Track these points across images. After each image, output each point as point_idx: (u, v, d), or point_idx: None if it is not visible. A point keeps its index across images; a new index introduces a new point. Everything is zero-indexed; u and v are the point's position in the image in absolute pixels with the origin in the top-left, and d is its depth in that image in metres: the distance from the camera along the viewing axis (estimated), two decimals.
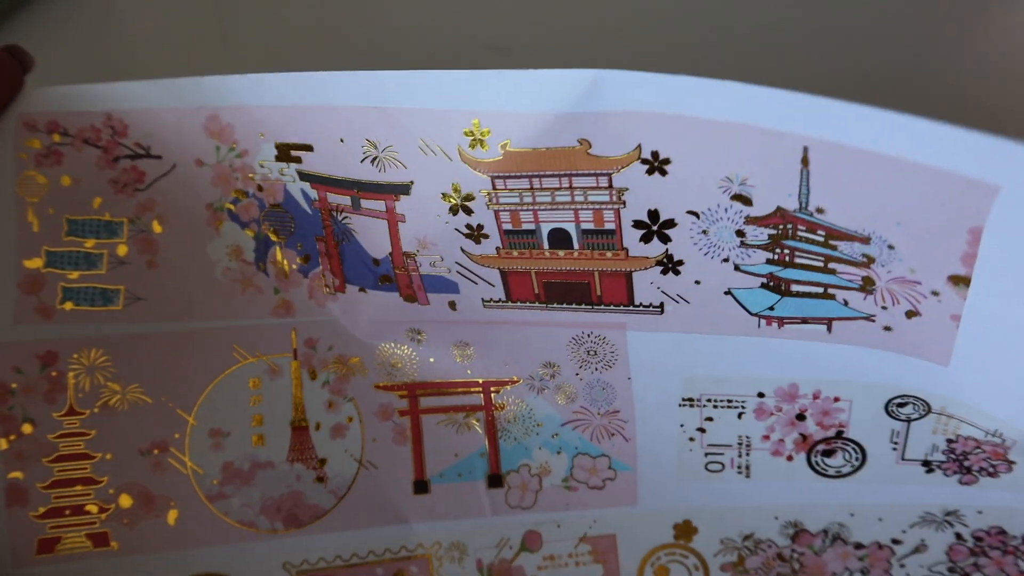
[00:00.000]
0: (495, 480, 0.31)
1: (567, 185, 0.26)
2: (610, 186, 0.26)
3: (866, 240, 0.23)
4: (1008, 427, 0.26)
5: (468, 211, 0.27)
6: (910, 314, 0.24)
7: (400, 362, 0.31)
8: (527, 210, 0.27)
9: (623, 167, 0.25)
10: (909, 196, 0.22)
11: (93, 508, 0.29)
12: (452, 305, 0.30)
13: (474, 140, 0.25)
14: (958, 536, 0.30)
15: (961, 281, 0.23)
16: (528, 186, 0.26)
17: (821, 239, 0.24)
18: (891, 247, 0.23)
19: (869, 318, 0.25)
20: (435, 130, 0.26)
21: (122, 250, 0.30)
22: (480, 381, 0.31)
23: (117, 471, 0.30)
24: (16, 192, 0.29)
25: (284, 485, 0.30)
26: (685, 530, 0.32)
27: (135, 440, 0.30)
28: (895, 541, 0.30)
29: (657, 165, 0.25)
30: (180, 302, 0.30)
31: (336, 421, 0.30)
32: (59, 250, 0.30)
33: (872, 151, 0.21)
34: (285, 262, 0.30)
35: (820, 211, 0.23)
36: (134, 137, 0.30)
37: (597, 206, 0.26)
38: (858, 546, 0.31)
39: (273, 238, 0.31)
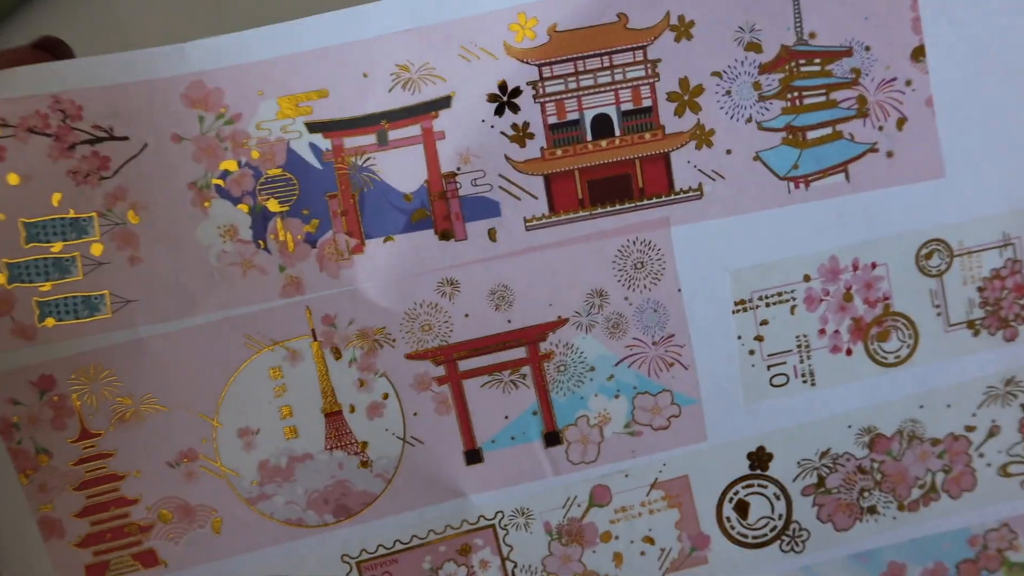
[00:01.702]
0: (552, 438, 0.28)
1: (607, 64, 0.28)
2: (645, 59, 0.28)
3: (849, 52, 0.29)
4: (1012, 219, 0.30)
5: (515, 108, 0.27)
6: (900, 123, 0.29)
7: (431, 324, 0.26)
8: (571, 97, 0.28)
9: (656, 36, 0.28)
10: None
11: (133, 528, 0.27)
12: (491, 235, 0.28)
13: (521, 33, 0.27)
14: None
15: (919, 53, 0.29)
16: (572, 70, 0.28)
17: (818, 67, 0.29)
18: (867, 48, 0.29)
19: (873, 148, 0.29)
20: (479, 34, 0.27)
21: (97, 249, 0.26)
22: (522, 330, 0.28)
23: (149, 488, 0.28)
24: None
25: (327, 475, 0.27)
26: (760, 458, 0.30)
27: (161, 453, 0.27)
28: (968, 428, 0.30)
29: (683, 29, 0.28)
30: (177, 297, 0.27)
31: (370, 400, 0.27)
32: (21, 260, 0.26)
33: None
34: (288, 234, 0.27)
35: (813, 36, 0.28)
36: (91, 119, 0.26)
37: (635, 83, 0.28)
38: (935, 442, 0.30)
39: (273, 209, 0.27)
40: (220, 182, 0.27)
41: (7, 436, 0.27)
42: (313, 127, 0.27)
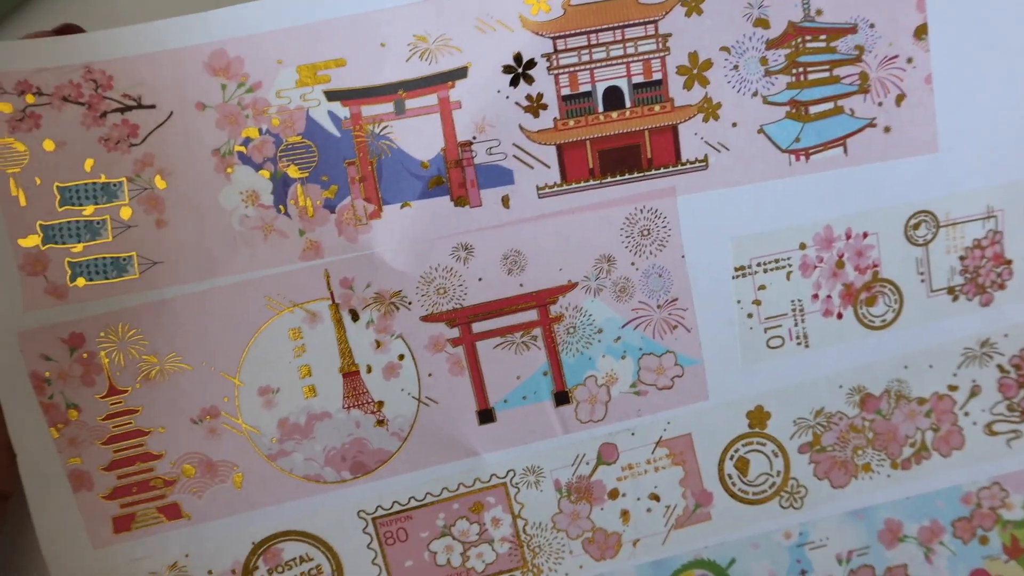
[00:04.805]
0: (562, 397, 0.28)
1: (620, 38, 0.29)
2: (656, 33, 0.29)
3: (854, 29, 0.30)
4: (995, 193, 0.31)
5: (529, 79, 0.29)
6: (899, 99, 0.30)
7: (446, 287, 0.27)
8: (584, 69, 0.29)
9: (667, 11, 0.29)
10: None
11: (159, 482, 0.28)
12: (505, 201, 0.29)
13: (536, 6, 0.28)
14: (1000, 369, 0.32)
15: (922, 31, 0.30)
16: (586, 43, 0.29)
17: (824, 44, 0.30)
18: (872, 25, 0.29)
19: (872, 123, 0.30)
20: (495, 7, 0.28)
21: (126, 213, 0.27)
22: (534, 293, 0.30)
23: (173, 443, 0.29)
24: None
25: (344, 433, 0.28)
26: (758, 417, 0.32)
27: (185, 410, 0.28)
28: (952, 388, 0.32)
29: (694, 4, 0.29)
30: (200, 260, 0.29)
31: (387, 361, 0.28)
32: (55, 222, 0.27)
33: None
34: (308, 200, 0.27)
35: (819, 13, 0.29)
36: (121, 88, 0.28)
37: (646, 56, 0.29)
38: (921, 401, 0.32)
39: (293, 175, 0.29)
40: (242, 149, 0.29)
41: (39, 391, 0.28)
42: (332, 95, 0.28)
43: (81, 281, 0.28)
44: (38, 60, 0.27)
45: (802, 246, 0.31)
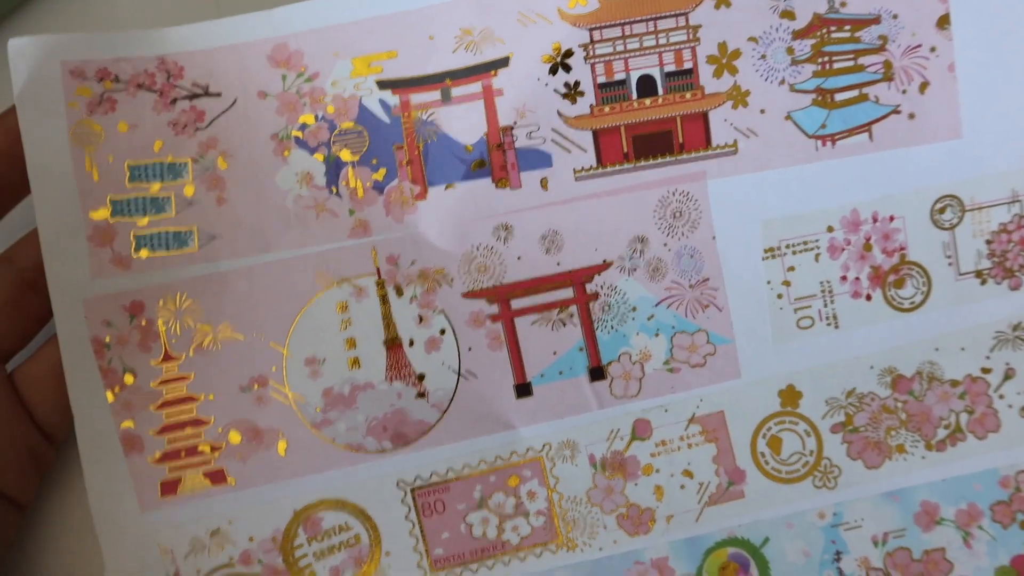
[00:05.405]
0: (597, 373, 0.29)
1: (652, 29, 0.30)
2: (687, 25, 0.31)
3: (877, 19, 0.31)
4: (1020, 177, 0.31)
5: (567, 68, 0.30)
6: (923, 87, 0.31)
7: (486, 265, 0.28)
8: (619, 59, 0.30)
9: (697, 4, 0.30)
10: None
11: (206, 448, 0.28)
12: (544, 184, 0.31)
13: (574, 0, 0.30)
14: None
15: (944, 21, 0.31)
16: (620, 34, 0.30)
17: (848, 34, 0.31)
18: (895, 16, 0.31)
19: (896, 110, 0.31)
20: (535, 1, 0.30)
21: (189, 190, 0.28)
22: (570, 272, 0.31)
23: (222, 410, 0.29)
24: (71, 143, 0.27)
25: (386, 404, 0.29)
26: (790, 396, 0.32)
27: (234, 378, 0.29)
28: (985, 371, 0.32)
29: None
30: (256, 235, 0.30)
31: (429, 335, 0.29)
32: (124, 197, 0.29)
33: None
34: (358, 181, 0.28)
35: (843, 4, 0.31)
36: (191, 78, 0.30)
37: (677, 46, 0.31)
38: (954, 383, 0.32)
39: (345, 158, 0.31)
40: (299, 134, 0.30)
41: (99, 355, 0.29)
42: (383, 84, 0.31)
43: (144, 252, 0.30)
44: (117, 51, 0.30)
45: (829, 229, 0.32)
